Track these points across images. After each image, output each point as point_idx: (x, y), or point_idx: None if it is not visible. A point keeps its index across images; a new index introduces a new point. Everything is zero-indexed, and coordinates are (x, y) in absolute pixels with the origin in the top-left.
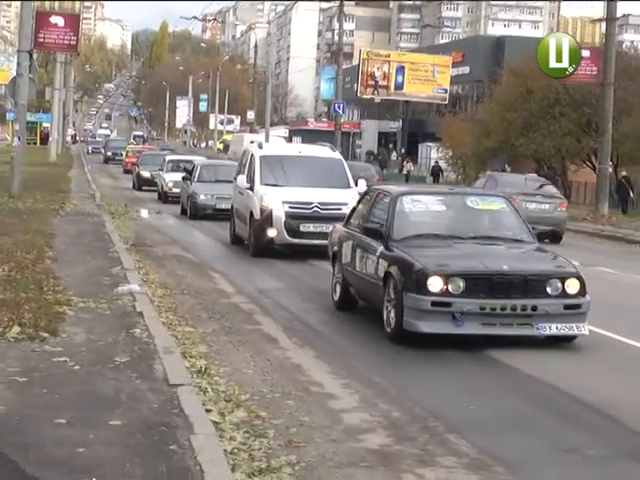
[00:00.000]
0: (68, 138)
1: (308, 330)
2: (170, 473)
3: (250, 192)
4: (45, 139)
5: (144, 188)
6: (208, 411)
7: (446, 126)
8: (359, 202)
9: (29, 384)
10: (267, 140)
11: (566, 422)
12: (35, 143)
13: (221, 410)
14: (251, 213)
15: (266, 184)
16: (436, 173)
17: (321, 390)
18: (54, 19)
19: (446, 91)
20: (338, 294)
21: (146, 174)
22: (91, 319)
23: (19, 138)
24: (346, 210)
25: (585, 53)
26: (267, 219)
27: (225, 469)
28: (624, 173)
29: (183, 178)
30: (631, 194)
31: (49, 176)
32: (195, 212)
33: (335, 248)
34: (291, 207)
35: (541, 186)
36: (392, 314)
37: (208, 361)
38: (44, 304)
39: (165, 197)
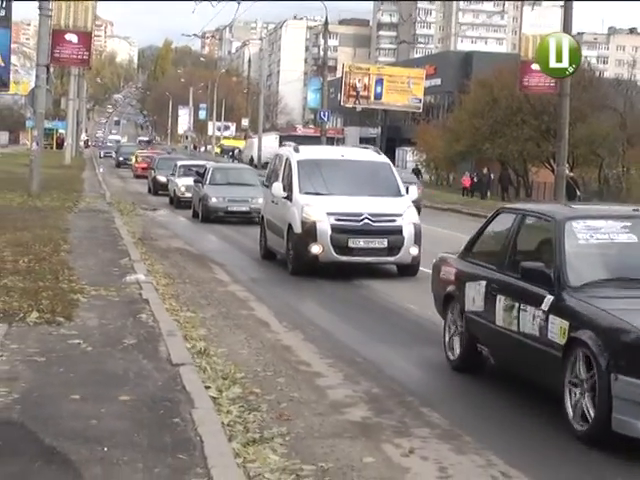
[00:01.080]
0: (81, 143)
1: (297, 315)
2: (174, 443)
3: (287, 202)
4: (60, 144)
5: (160, 192)
6: (207, 388)
7: (420, 132)
8: (486, 225)
9: (47, 363)
10: (259, 146)
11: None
12: (51, 147)
13: (219, 387)
14: (289, 226)
15: (306, 193)
16: (416, 174)
17: (309, 369)
18: (69, 36)
19: (420, 101)
20: (458, 352)
21: (162, 179)
22: (102, 305)
23: (37, 143)
24: (401, 222)
25: None
26: (310, 233)
27: (222, 439)
28: (571, 174)
29: (195, 181)
30: (578, 192)
31: (64, 177)
32: (207, 215)
33: (450, 288)
34: (338, 219)
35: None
36: (586, 403)
37: (207, 343)
38: (60, 292)
39: (178, 202)
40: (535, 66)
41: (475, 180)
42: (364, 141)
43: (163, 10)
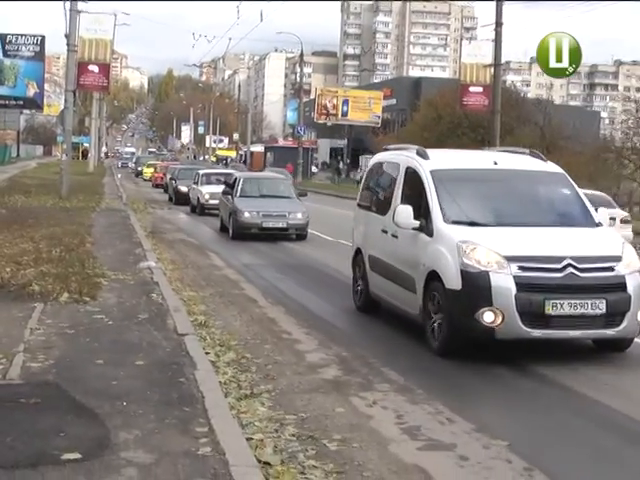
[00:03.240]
0: (102, 155)
1: (280, 293)
2: (180, 398)
3: (422, 236)
4: (85, 155)
5: (182, 202)
6: (207, 353)
7: (379, 143)
8: None
9: (76, 335)
10: (244, 159)
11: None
12: (78, 158)
13: (217, 352)
14: (432, 276)
15: (455, 222)
16: None
17: (290, 337)
18: (91, 67)
19: (379, 117)
20: None
21: (184, 189)
22: (120, 287)
23: (66, 154)
24: (621, 270)
25: (479, 89)
26: (478, 291)
27: (220, 395)
28: None
29: (223, 192)
30: None
31: (88, 183)
32: (239, 231)
33: None
34: (525, 268)
35: None
36: None
37: (206, 317)
38: (86, 276)
39: (202, 209)
40: (473, 88)
41: None
42: (334, 151)
43: (168, 45)
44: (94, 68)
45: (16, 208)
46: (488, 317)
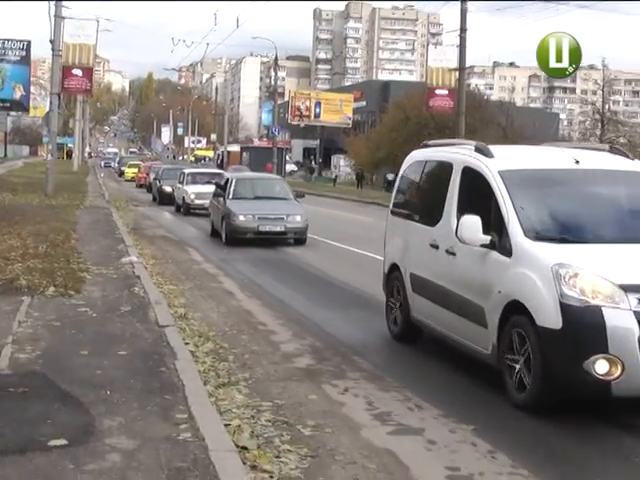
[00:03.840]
0: (85, 155)
1: (256, 287)
2: (161, 386)
3: (497, 255)
4: (69, 155)
5: (166, 202)
6: (187, 344)
7: (350, 143)
8: None
9: (62, 327)
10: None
11: None
12: (63, 158)
13: (196, 343)
14: (513, 307)
15: (540, 238)
16: (360, 177)
17: (265, 328)
18: (75, 71)
19: (350, 118)
20: None
21: (168, 189)
22: (103, 281)
23: (51, 155)
24: None
25: (444, 92)
26: (588, 332)
27: (199, 383)
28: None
29: (215, 195)
30: None
31: (72, 181)
32: (233, 235)
33: None
34: None
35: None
36: None
37: (186, 309)
38: (71, 271)
39: (187, 209)
40: (439, 91)
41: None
42: (307, 151)
43: (148, 50)
44: (78, 72)
45: (4, 206)
46: (602, 367)
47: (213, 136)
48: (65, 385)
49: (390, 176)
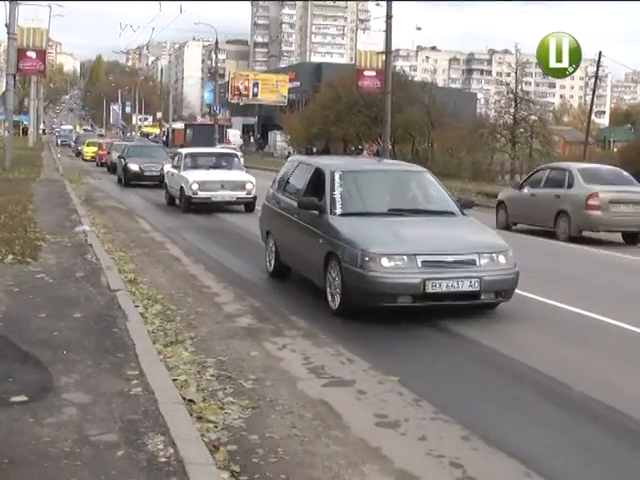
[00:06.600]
0: (40, 131)
1: (200, 252)
2: (114, 346)
3: None
4: (25, 132)
5: (133, 183)
6: (136, 306)
7: (286, 120)
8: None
9: (20, 292)
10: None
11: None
12: (19, 135)
13: (145, 305)
14: None
15: None
16: (310, 153)
17: (209, 290)
18: (29, 53)
19: (285, 97)
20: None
21: (134, 167)
22: (59, 249)
23: (8, 132)
24: None
25: (372, 73)
26: None
27: (149, 342)
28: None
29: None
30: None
31: (28, 156)
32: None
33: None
34: None
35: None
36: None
37: (135, 274)
38: (28, 240)
39: (187, 204)
40: (367, 72)
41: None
42: (246, 128)
43: (98, 34)
44: (32, 54)
45: None
46: None
47: (159, 114)
48: (24, 346)
49: (314, 149)
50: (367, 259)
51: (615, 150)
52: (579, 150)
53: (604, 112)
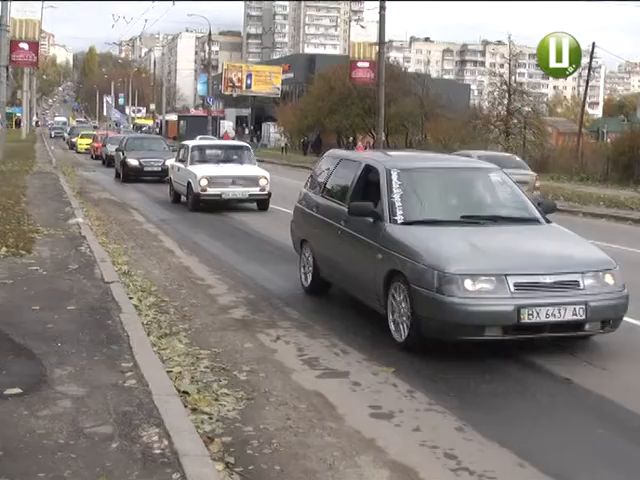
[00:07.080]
0: (33, 124)
1: (193, 244)
2: (108, 338)
3: None
4: (18, 124)
5: (132, 179)
6: (130, 298)
7: (279, 111)
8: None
9: (14, 284)
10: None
11: None
12: (11, 127)
13: (139, 297)
14: None
15: None
16: (306, 144)
17: (203, 283)
18: (22, 45)
19: (279, 89)
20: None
21: (134, 162)
22: (52, 241)
23: (1, 124)
24: None
25: (366, 64)
26: None
27: (143, 334)
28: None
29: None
30: None
31: (22, 148)
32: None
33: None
34: None
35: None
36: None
37: (129, 266)
38: (22, 232)
39: (196, 201)
40: (361, 64)
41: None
42: (239, 119)
43: (91, 26)
44: (24, 46)
45: None
46: None
47: (152, 106)
48: (19, 338)
49: (304, 139)
50: (445, 281)
51: (609, 141)
52: (573, 141)
53: (597, 103)
